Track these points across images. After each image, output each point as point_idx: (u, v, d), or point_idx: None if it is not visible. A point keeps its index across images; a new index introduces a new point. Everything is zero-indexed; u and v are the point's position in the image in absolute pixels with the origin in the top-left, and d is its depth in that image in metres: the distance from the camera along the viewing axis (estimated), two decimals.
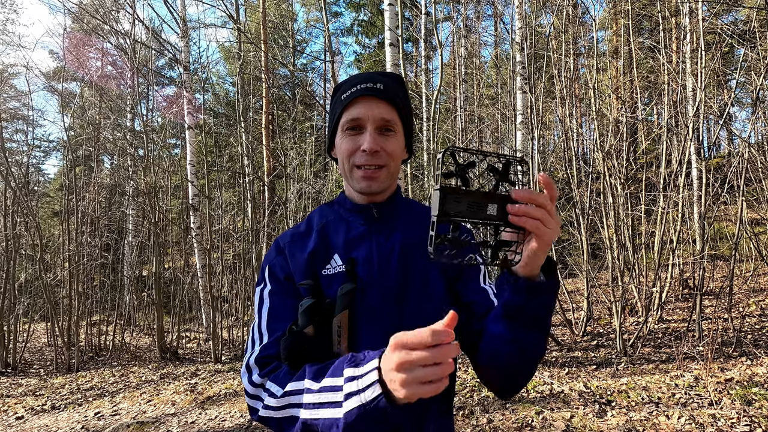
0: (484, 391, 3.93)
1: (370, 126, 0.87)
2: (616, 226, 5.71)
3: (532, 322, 0.76)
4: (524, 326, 0.76)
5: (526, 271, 0.72)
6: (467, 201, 0.63)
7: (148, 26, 10.24)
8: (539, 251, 0.69)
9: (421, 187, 8.24)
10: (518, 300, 0.74)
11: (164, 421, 4.13)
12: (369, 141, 0.86)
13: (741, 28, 8.70)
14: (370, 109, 0.87)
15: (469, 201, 0.63)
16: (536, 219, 0.65)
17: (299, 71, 19.36)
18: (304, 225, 0.99)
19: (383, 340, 0.85)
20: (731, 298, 5.23)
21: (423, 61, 13.38)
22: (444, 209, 0.62)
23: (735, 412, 3.04)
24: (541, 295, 0.74)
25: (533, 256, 0.69)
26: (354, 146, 0.88)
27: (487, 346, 0.81)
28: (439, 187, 0.62)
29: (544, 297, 0.74)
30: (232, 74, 17.74)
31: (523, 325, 0.76)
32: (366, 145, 0.86)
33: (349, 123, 0.88)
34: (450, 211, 0.62)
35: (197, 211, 9.23)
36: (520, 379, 0.83)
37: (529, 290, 0.72)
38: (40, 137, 21.52)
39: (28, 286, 9.90)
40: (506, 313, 0.76)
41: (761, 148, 7.02)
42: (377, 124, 0.88)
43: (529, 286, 0.72)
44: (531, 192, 0.65)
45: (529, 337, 0.77)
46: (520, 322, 0.76)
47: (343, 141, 0.90)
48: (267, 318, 0.89)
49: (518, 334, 0.76)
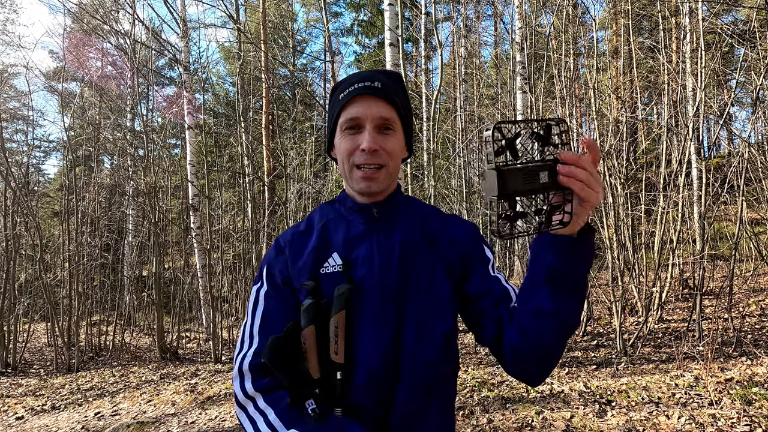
0: (484, 391, 3.93)
1: (368, 125, 0.87)
2: (616, 226, 5.70)
3: (573, 288, 0.75)
4: (566, 292, 0.75)
5: (567, 233, 0.71)
6: (521, 174, 0.63)
7: (148, 26, 10.24)
8: (583, 213, 0.69)
9: (421, 187, 8.24)
10: (561, 262, 0.73)
11: (164, 421, 4.13)
12: (368, 140, 0.86)
13: (741, 28, 8.70)
14: (368, 107, 0.87)
15: (523, 174, 0.64)
16: (581, 181, 0.66)
17: (299, 71, 19.37)
18: (305, 224, 0.98)
19: (382, 340, 0.85)
20: (731, 298, 5.23)
21: (423, 61, 13.39)
22: (504, 188, 0.62)
23: (735, 412, 3.04)
24: (583, 255, 0.73)
25: (576, 215, 0.70)
26: (353, 146, 0.87)
27: (525, 326, 0.79)
28: (494, 166, 0.62)
29: (586, 258, 0.74)
30: (232, 74, 17.74)
31: (565, 291, 0.75)
32: (365, 145, 0.85)
33: (347, 122, 0.88)
34: (509, 189, 0.63)
35: (197, 211, 9.23)
36: (557, 358, 0.82)
37: (572, 250, 0.72)
38: (40, 137, 21.53)
39: (28, 286, 9.89)
40: (549, 277, 0.74)
41: (761, 148, 7.02)
42: (376, 123, 0.87)
43: (572, 246, 0.71)
44: (576, 155, 0.66)
45: (571, 304, 0.76)
46: (563, 287, 0.74)
47: (342, 141, 0.89)
48: (260, 321, 0.89)
49: (560, 302, 0.75)
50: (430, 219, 0.98)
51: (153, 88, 11.30)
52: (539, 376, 0.84)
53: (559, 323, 0.76)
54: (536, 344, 0.78)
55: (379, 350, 0.84)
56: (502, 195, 0.62)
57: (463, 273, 0.93)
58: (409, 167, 6.76)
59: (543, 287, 0.75)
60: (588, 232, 0.73)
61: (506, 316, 0.84)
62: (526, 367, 0.83)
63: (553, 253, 0.73)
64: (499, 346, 0.85)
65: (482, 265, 0.94)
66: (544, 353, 0.80)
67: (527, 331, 0.78)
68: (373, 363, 0.84)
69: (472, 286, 0.92)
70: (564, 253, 0.72)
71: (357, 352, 0.84)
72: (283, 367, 0.81)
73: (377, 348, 0.84)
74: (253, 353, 0.86)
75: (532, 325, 0.77)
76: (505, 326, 0.83)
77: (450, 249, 0.94)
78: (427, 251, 0.92)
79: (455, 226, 0.98)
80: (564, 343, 0.80)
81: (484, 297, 0.89)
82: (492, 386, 4.04)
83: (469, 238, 0.96)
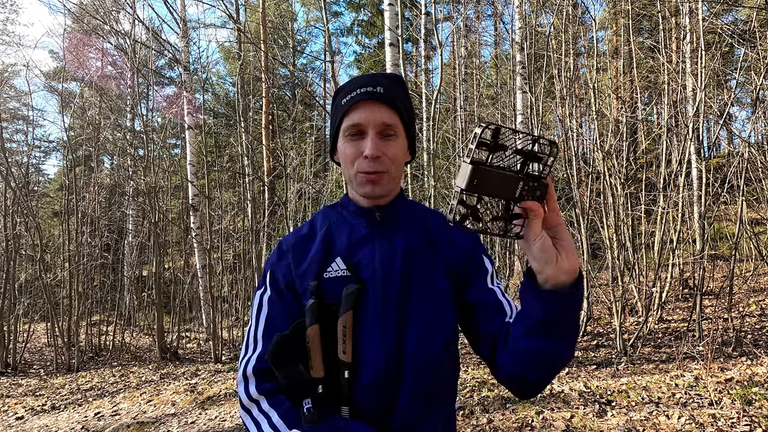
0: (484, 391, 3.93)
1: (371, 131, 0.87)
2: (616, 226, 5.71)
3: (565, 330, 0.74)
4: (558, 335, 0.74)
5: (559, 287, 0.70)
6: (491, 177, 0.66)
7: (148, 26, 10.25)
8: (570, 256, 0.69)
9: (420, 188, 8.24)
10: (549, 313, 0.72)
11: (164, 421, 4.13)
12: (370, 147, 0.86)
13: (741, 28, 8.70)
14: (371, 113, 0.87)
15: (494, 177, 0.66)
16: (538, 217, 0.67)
17: (299, 71, 19.36)
18: (307, 227, 0.98)
19: (384, 342, 0.85)
20: (731, 298, 5.23)
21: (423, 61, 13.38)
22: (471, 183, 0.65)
23: (735, 412, 3.04)
24: (573, 302, 0.72)
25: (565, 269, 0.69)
26: (356, 152, 0.88)
27: (518, 358, 0.79)
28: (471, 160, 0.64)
29: (576, 304, 0.73)
30: (232, 74, 17.75)
31: (557, 333, 0.74)
32: (368, 151, 0.86)
33: (350, 128, 0.88)
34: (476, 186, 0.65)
35: (197, 211, 9.23)
36: (549, 381, 0.83)
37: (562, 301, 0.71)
38: (40, 137, 21.56)
39: (28, 286, 9.89)
40: (540, 327, 0.73)
41: (761, 148, 7.02)
42: (378, 129, 0.87)
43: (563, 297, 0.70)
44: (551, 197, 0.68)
45: (565, 342, 0.75)
46: (555, 331, 0.74)
47: (345, 146, 0.89)
48: (264, 325, 0.90)
49: (553, 342, 0.75)
50: (431, 221, 0.98)
51: (153, 88, 11.30)
52: (532, 395, 0.87)
53: (553, 358, 0.77)
54: (529, 374, 0.80)
55: (382, 352, 0.84)
56: (468, 188, 0.65)
57: (463, 278, 0.94)
58: (409, 167, 6.76)
59: (535, 333, 0.75)
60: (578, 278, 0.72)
61: (501, 334, 0.85)
62: (518, 388, 0.85)
63: (542, 306, 0.72)
64: (494, 364, 0.87)
65: (480, 275, 0.95)
66: (537, 382, 0.82)
67: (520, 363, 0.80)
68: (377, 364, 0.84)
69: (469, 295, 0.92)
70: (552, 304, 0.71)
71: (362, 353, 0.84)
72: (284, 365, 0.82)
73: (381, 349, 0.85)
74: (257, 357, 0.87)
75: (525, 359, 0.78)
76: (498, 347, 0.85)
77: (450, 250, 0.94)
78: (428, 252, 0.93)
79: (456, 228, 0.98)
80: (557, 373, 0.82)
81: (480, 309, 0.90)
82: (492, 386, 4.04)
83: (469, 243, 0.97)
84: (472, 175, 0.64)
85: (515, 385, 0.84)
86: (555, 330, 0.73)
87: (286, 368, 0.82)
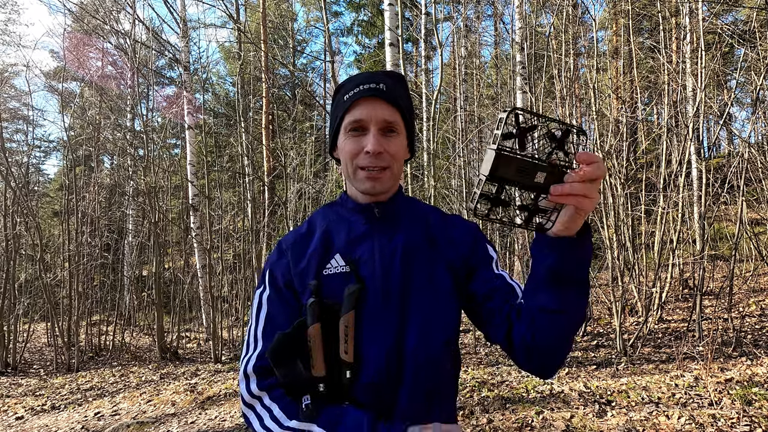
0: (484, 391, 3.93)
1: (373, 127, 0.87)
2: (616, 226, 5.70)
3: (576, 285, 0.75)
4: (569, 290, 0.75)
5: (566, 234, 0.71)
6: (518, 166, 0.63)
7: (148, 26, 10.24)
8: (578, 219, 0.69)
9: (421, 187, 8.24)
10: (561, 262, 0.73)
11: (164, 421, 4.13)
12: (372, 143, 0.86)
13: (741, 28, 8.70)
14: (372, 110, 0.87)
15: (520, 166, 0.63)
16: (579, 195, 0.65)
17: (299, 71, 19.37)
18: (306, 226, 0.98)
19: (385, 341, 0.85)
20: (731, 298, 5.23)
21: (423, 61, 13.39)
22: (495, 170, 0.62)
23: (735, 412, 3.04)
24: (582, 254, 0.73)
25: (572, 221, 0.69)
26: (357, 148, 0.88)
27: (533, 325, 0.79)
28: (496, 147, 0.62)
29: (585, 256, 0.74)
30: (232, 74, 17.74)
31: (568, 289, 0.75)
32: (369, 147, 0.86)
33: (351, 125, 0.88)
34: (500, 174, 0.63)
35: (197, 211, 9.24)
36: (567, 349, 0.82)
37: (571, 250, 0.72)
38: (40, 137, 21.56)
39: (28, 286, 9.89)
40: (550, 278, 0.74)
41: (761, 148, 7.02)
42: (380, 125, 0.88)
43: (570, 246, 0.71)
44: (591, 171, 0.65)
45: (576, 301, 0.76)
46: (565, 285, 0.74)
47: (346, 143, 0.90)
48: (264, 324, 0.90)
49: (564, 300, 0.75)
50: (431, 219, 0.98)
51: (153, 88, 11.27)
52: (553, 369, 0.85)
53: (566, 319, 0.77)
54: (546, 341, 0.79)
55: (383, 351, 0.84)
56: (492, 177, 0.63)
57: (467, 272, 0.93)
58: (409, 167, 6.76)
59: (546, 287, 0.76)
60: (585, 230, 0.74)
61: (514, 314, 0.84)
62: (539, 362, 0.84)
63: (552, 255, 0.73)
64: (510, 344, 0.85)
65: (485, 264, 0.94)
66: (555, 348, 0.80)
67: (536, 329, 0.78)
68: (378, 363, 0.84)
69: (477, 285, 0.92)
70: (563, 253, 0.72)
71: (363, 353, 0.84)
72: (284, 363, 0.82)
73: (382, 349, 0.85)
74: (257, 356, 0.87)
75: (541, 323, 0.78)
76: (514, 324, 0.83)
77: (450, 248, 0.94)
78: (428, 250, 0.93)
79: (456, 226, 0.99)
80: (573, 336, 0.81)
81: (492, 295, 0.89)
82: (492, 386, 4.04)
83: (469, 238, 0.97)
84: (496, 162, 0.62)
85: (534, 356, 0.82)
86: (563, 282, 0.74)
87: (286, 367, 0.82)
